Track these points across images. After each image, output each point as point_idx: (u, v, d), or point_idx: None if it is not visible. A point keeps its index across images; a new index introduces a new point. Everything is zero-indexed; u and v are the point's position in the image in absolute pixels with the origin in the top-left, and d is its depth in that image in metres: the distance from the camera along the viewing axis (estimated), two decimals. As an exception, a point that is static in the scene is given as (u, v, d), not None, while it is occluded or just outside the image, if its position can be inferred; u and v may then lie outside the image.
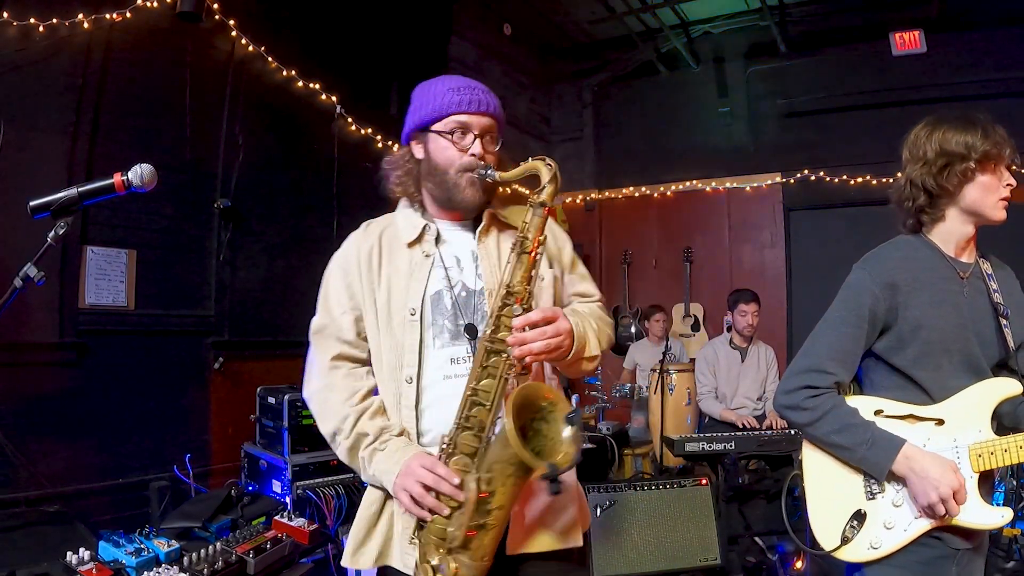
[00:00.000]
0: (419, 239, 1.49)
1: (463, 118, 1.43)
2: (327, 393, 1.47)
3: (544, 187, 1.36)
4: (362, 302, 1.49)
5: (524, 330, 1.27)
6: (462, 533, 1.24)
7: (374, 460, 1.38)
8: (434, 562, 1.28)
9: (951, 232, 1.54)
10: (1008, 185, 1.50)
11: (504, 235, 1.50)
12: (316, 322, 1.56)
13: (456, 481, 1.26)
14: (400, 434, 1.41)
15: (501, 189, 1.56)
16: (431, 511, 1.28)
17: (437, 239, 1.49)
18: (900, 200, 1.59)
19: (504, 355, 1.28)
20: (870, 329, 1.52)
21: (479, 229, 1.49)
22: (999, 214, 1.51)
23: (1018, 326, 1.52)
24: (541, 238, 1.33)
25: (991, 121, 1.51)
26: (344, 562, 1.44)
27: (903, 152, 1.59)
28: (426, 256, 1.47)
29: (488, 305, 1.41)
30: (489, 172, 1.41)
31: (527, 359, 1.27)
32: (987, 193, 1.49)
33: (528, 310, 1.30)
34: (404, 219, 1.53)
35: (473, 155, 1.42)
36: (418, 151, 1.50)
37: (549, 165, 1.37)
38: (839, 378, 1.53)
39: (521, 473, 1.22)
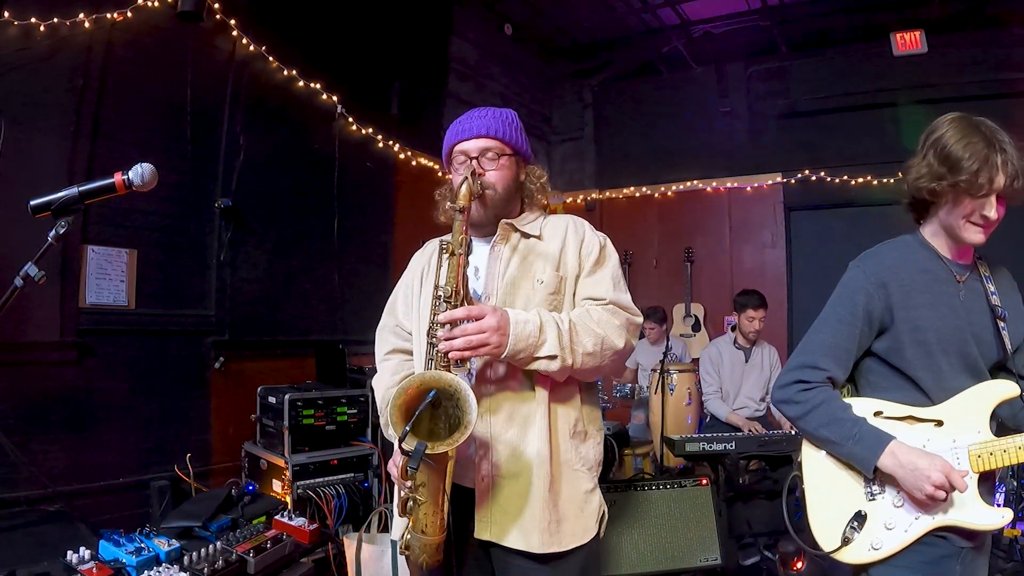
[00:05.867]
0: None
1: (462, 146, 1.64)
2: (378, 380, 1.78)
3: (458, 191, 1.49)
4: (411, 311, 1.75)
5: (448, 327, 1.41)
6: (402, 506, 1.40)
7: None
8: (402, 534, 1.48)
9: (939, 236, 1.54)
10: (984, 217, 1.42)
11: (523, 244, 1.65)
12: (380, 324, 1.85)
13: (397, 465, 1.46)
14: None
15: (545, 202, 1.77)
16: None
17: (468, 251, 1.63)
18: (908, 187, 1.56)
19: (436, 349, 1.41)
20: (865, 327, 1.53)
21: (492, 240, 1.65)
22: (975, 238, 1.46)
23: (1016, 328, 1.51)
24: (461, 238, 1.46)
25: (1004, 145, 1.39)
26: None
27: (921, 137, 1.53)
28: None
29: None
30: (477, 183, 1.56)
31: (451, 354, 1.39)
32: (959, 218, 1.45)
33: (458, 306, 1.43)
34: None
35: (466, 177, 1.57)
36: None
37: (463, 175, 1.53)
38: (831, 374, 1.54)
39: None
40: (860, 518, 1.47)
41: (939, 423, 1.46)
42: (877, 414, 1.51)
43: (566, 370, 1.50)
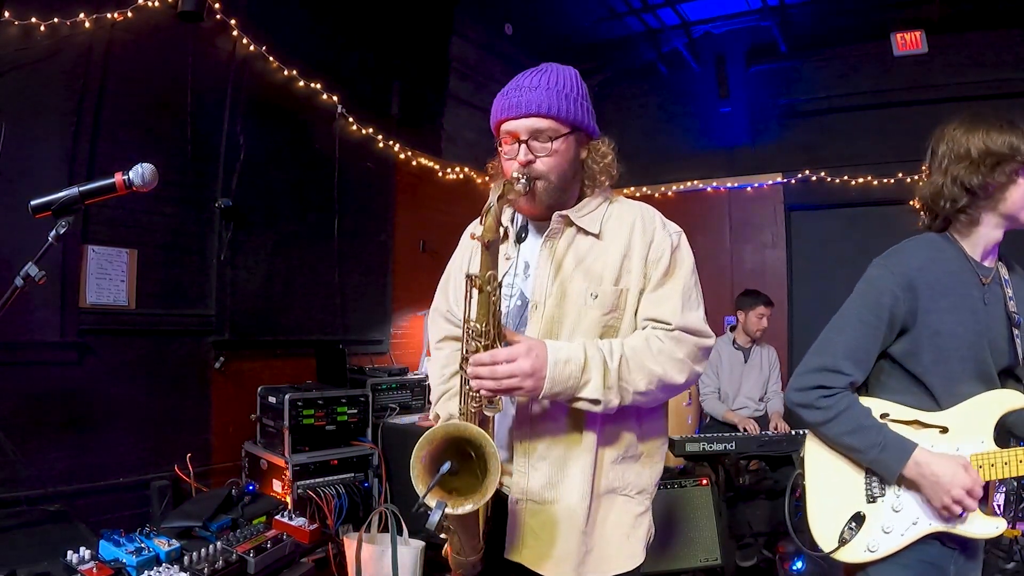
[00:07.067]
0: (502, 240, 1.46)
1: (509, 125, 1.39)
2: (431, 365, 1.69)
3: (483, 219, 1.26)
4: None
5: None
6: (437, 528, 1.32)
7: None
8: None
9: (982, 236, 1.50)
10: None
11: (578, 243, 1.43)
12: (433, 303, 1.72)
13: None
14: None
15: (609, 184, 1.51)
16: None
17: (522, 238, 1.49)
18: (936, 199, 1.51)
19: (467, 385, 1.30)
20: (888, 330, 1.49)
21: (546, 232, 1.44)
22: None
23: None
24: (489, 274, 1.25)
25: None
26: None
27: (938, 148, 1.52)
28: (506, 259, 1.47)
29: (532, 317, 1.40)
30: (521, 183, 1.34)
31: (482, 392, 1.28)
32: None
33: (492, 344, 1.28)
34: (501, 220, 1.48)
35: (518, 163, 1.37)
36: None
37: (489, 198, 1.28)
38: (854, 379, 1.50)
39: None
40: (859, 519, 1.47)
41: (944, 430, 1.46)
42: (884, 416, 1.50)
43: (613, 410, 1.34)
